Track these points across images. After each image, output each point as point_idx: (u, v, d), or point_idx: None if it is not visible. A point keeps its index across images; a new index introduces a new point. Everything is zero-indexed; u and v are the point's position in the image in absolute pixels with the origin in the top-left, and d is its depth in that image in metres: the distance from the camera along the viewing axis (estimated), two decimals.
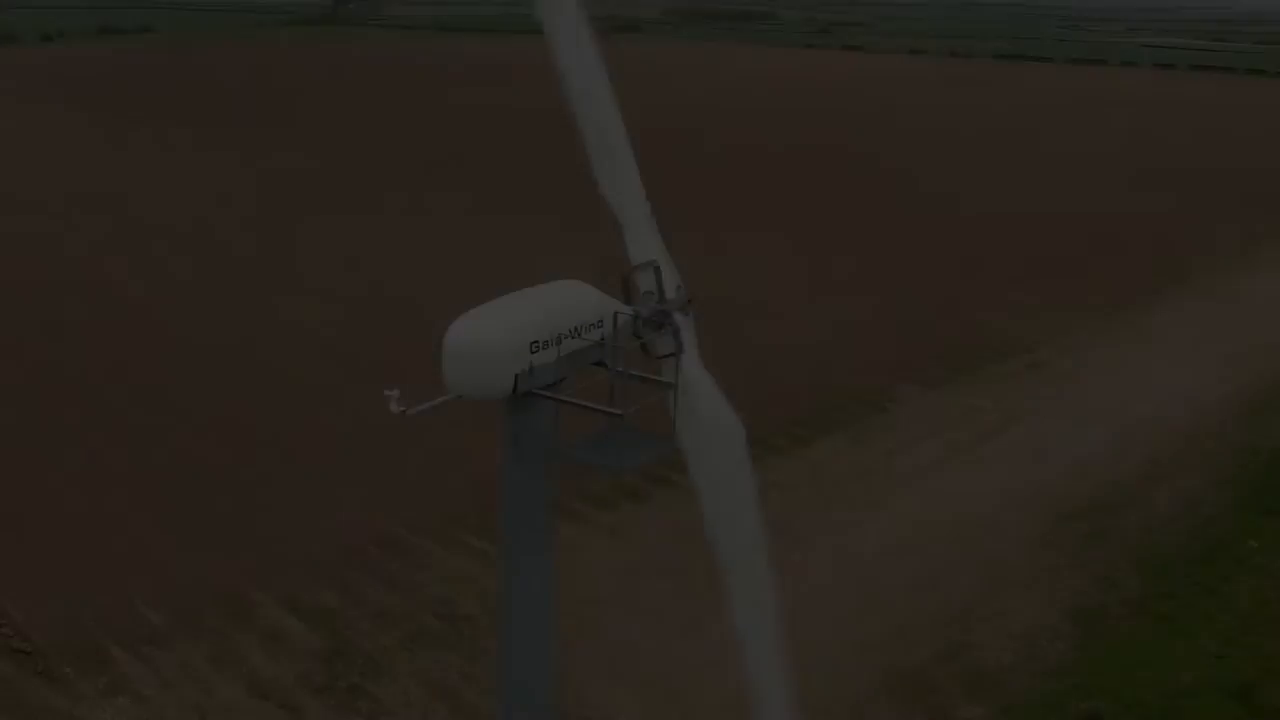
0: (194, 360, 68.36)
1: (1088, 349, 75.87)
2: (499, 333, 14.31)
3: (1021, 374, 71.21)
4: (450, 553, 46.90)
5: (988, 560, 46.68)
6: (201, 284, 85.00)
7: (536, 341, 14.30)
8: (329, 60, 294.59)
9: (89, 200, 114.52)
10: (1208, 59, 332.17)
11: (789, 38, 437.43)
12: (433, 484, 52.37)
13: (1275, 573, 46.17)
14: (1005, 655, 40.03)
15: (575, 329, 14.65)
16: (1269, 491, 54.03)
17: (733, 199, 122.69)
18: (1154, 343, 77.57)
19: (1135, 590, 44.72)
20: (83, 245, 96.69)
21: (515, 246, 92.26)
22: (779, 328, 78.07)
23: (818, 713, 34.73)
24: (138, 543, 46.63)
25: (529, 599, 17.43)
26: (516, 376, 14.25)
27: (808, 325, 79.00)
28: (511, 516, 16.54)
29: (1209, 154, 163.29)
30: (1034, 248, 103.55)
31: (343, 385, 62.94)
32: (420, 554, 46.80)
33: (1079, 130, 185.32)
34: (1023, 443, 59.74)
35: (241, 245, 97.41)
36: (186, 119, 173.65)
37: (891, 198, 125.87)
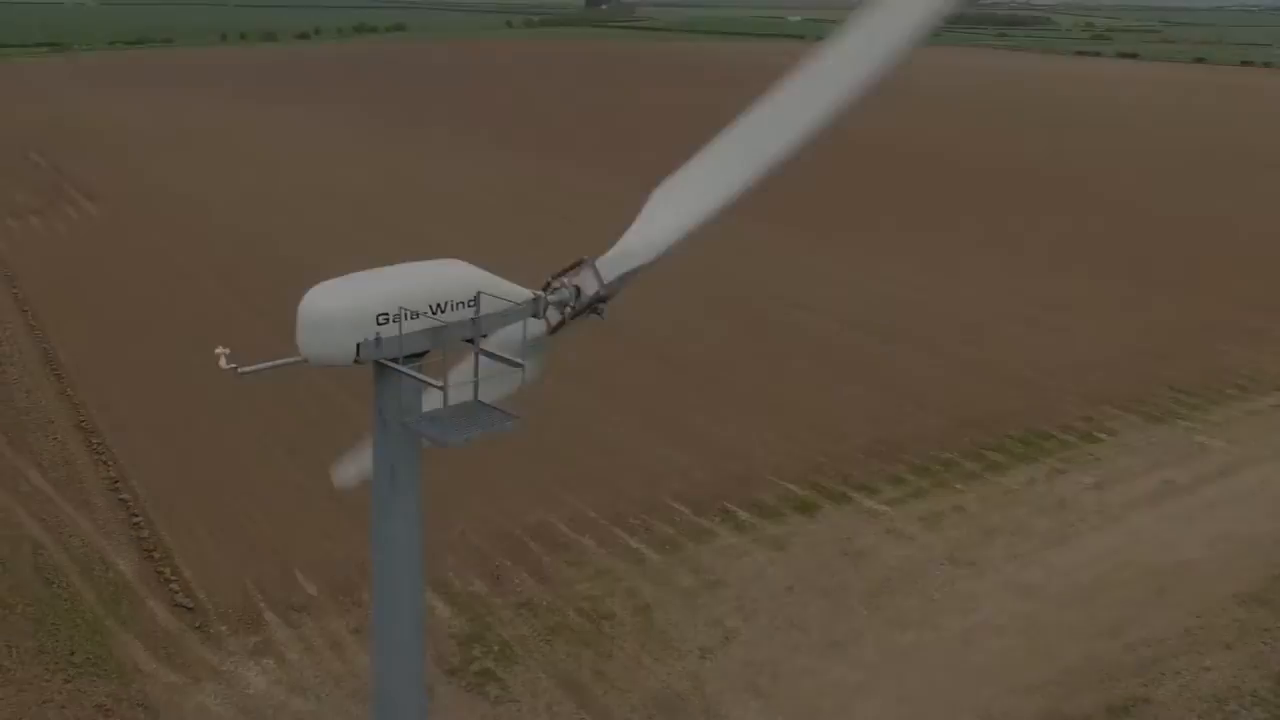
0: None
1: None
2: (345, 302, 14.89)
3: (1267, 413, 65.12)
4: (606, 550, 47.44)
5: (1186, 612, 42.88)
6: None
7: (385, 314, 14.44)
8: (555, 60, 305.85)
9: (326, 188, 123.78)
10: None
11: (1060, 44, 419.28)
12: (602, 482, 53.31)
13: None
14: (1189, 717, 36.62)
15: (437, 306, 14.74)
16: None
17: (957, 215, 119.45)
18: None
19: None
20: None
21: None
22: (992, 345, 75.04)
23: None
24: (305, 516, 49.65)
25: (395, 565, 17.63)
26: (359, 345, 14.39)
27: (1022, 345, 75.52)
28: (378, 484, 16.83)
29: None
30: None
31: None
32: (576, 549, 47.56)
33: None
34: (1253, 490, 54.56)
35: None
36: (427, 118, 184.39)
37: (1124, 215, 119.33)
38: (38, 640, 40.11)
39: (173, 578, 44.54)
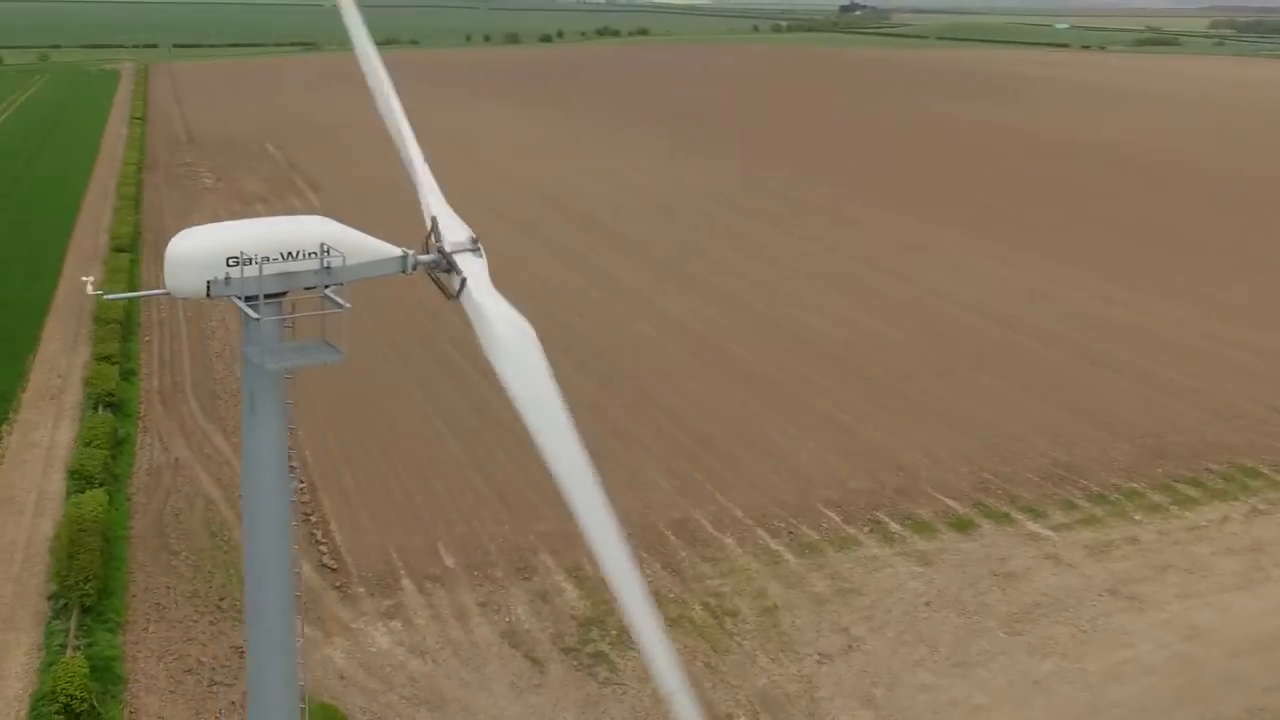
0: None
1: None
2: (199, 245, 17.05)
3: None
4: (745, 550, 48.04)
5: None
6: None
7: (235, 258, 15.87)
8: (802, 64, 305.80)
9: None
10: None
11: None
12: (756, 484, 53.95)
13: None
14: None
15: (290, 254, 16.07)
16: None
17: (1179, 227, 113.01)
18: None
19: None
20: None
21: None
22: (1204, 371, 70.88)
23: None
24: (457, 496, 52.62)
25: (260, 483, 19.08)
26: (209, 283, 15.84)
27: (1239, 372, 70.87)
28: (243, 410, 19.91)
29: None
30: None
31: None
32: (715, 546, 48.38)
33: None
34: None
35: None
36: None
37: None
38: (194, 585, 44.36)
39: (324, 540, 48.17)
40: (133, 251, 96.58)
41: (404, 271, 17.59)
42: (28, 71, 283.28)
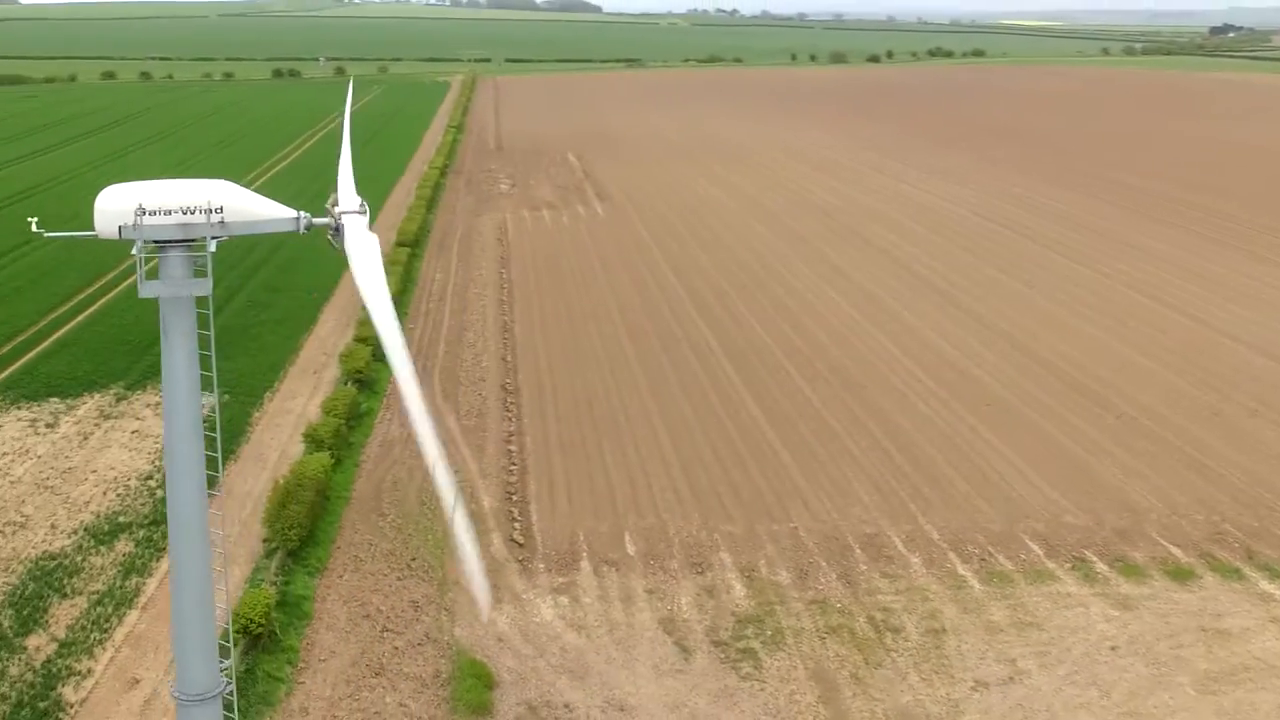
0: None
1: None
2: (116, 197, 20.73)
3: None
4: (929, 571, 48.02)
5: None
6: None
7: (144, 209, 19.78)
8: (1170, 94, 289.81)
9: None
10: None
11: None
12: (962, 508, 53.57)
13: None
14: None
15: (188, 209, 18.75)
16: None
17: None
18: None
19: None
20: None
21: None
22: None
23: None
24: (654, 493, 55.48)
25: (175, 405, 22.47)
26: (120, 228, 19.88)
27: None
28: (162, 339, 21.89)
29: None
30: None
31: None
32: (899, 564, 48.64)
33: None
34: None
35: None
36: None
37: None
38: (393, 545, 49.42)
39: (519, 518, 52.22)
40: (415, 247, 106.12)
41: (298, 231, 20.83)
42: (367, 82, 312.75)
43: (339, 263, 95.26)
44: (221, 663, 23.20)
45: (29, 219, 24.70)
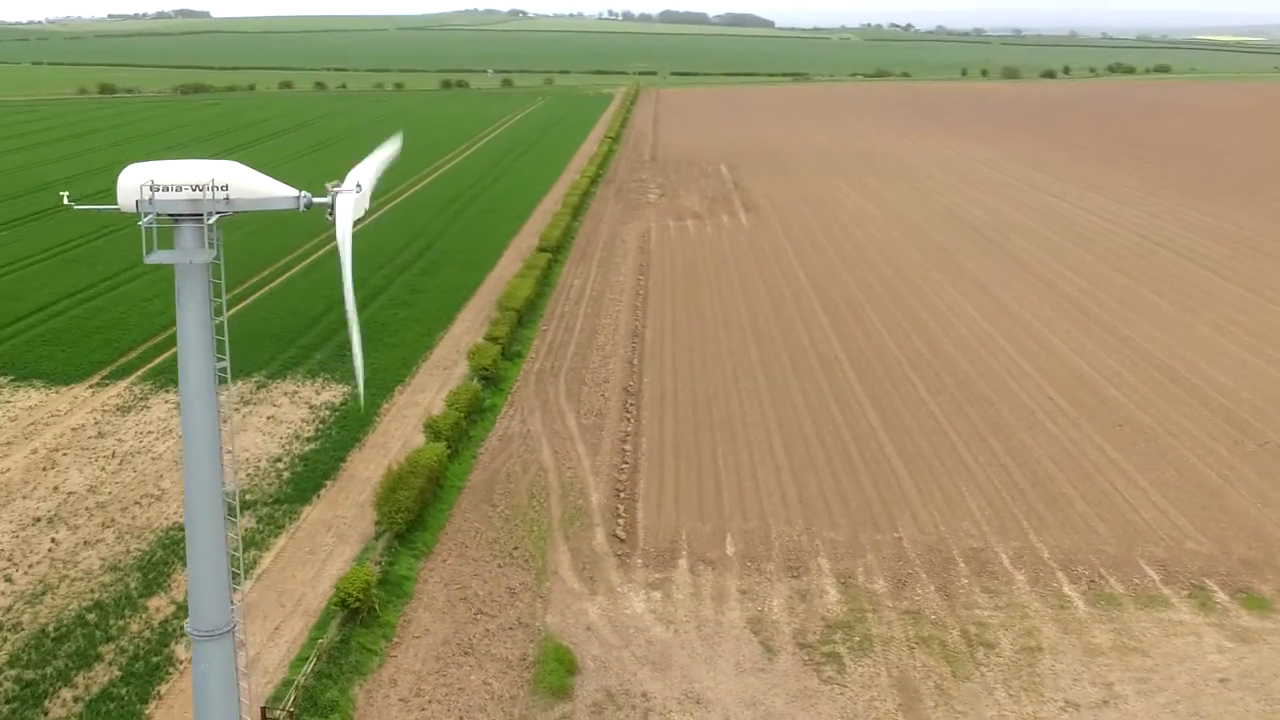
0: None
1: None
2: (134, 174, 22.48)
3: None
4: (1032, 589, 47.18)
5: None
6: None
7: (156, 185, 21.62)
8: None
9: None
10: None
11: None
12: (1078, 528, 52.42)
13: None
14: None
15: (197, 186, 19.94)
16: None
17: None
18: None
19: None
20: None
21: None
22: None
23: None
24: (761, 496, 55.87)
25: (189, 362, 23.80)
26: (136, 201, 22.11)
27: None
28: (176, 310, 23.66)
29: None
30: None
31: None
32: (1002, 579, 47.91)
33: None
34: None
35: None
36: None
37: None
38: (497, 534, 51.14)
39: (624, 515, 53.34)
40: (557, 253, 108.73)
41: (298, 209, 22.10)
42: (533, 94, 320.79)
43: (481, 267, 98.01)
44: (232, 604, 24.71)
45: (60, 192, 26.94)
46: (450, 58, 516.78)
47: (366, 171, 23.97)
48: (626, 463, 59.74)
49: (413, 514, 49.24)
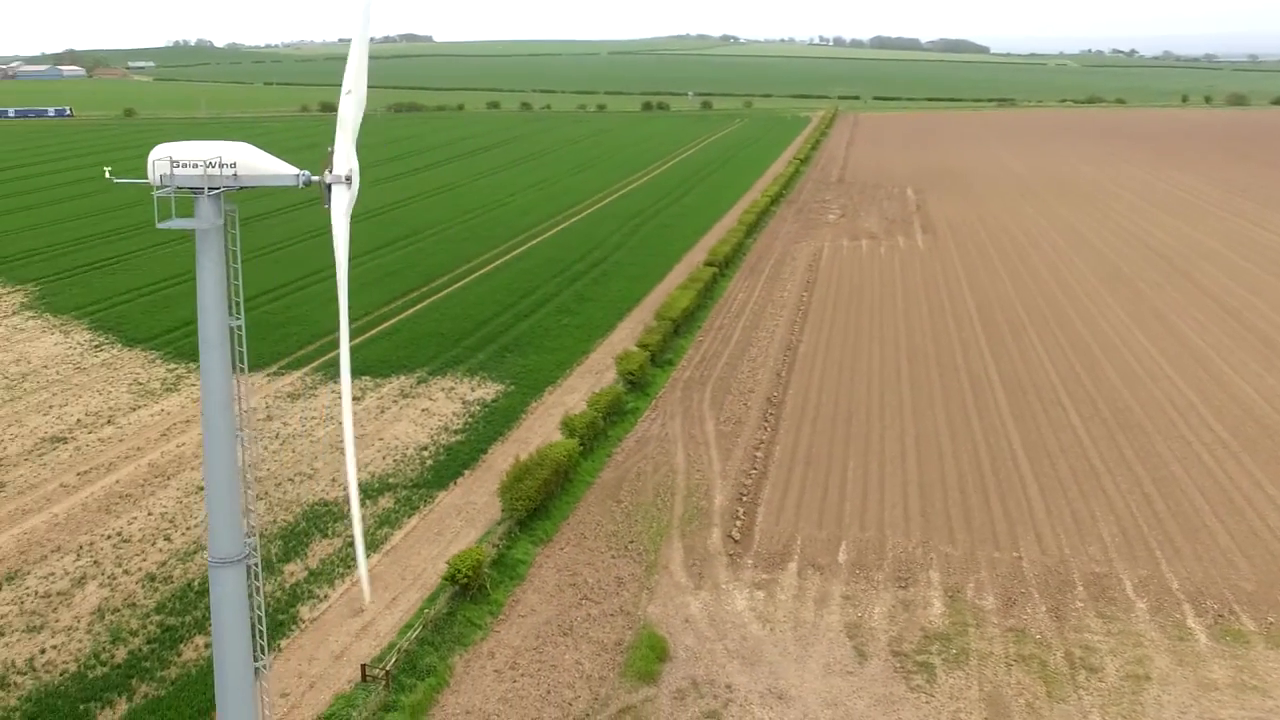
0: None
1: None
2: (159, 153, 24.33)
3: None
4: (1152, 619, 45.63)
5: None
6: None
7: (175, 161, 23.50)
8: None
9: None
10: None
11: None
12: (1216, 559, 50.29)
13: None
14: None
15: (208, 164, 21.44)
16: None
17: None
18: None
19: None
20: None
21: None
22: None
23: None
24: (884, 508, 55.70)
25: (206, 309, 25.04)
26: (160, 175, 24.03)
27: None
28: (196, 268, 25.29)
29: None
30: None
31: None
32: (1120, 606, 46.48)
33: None
34: None
35: None
36: None
37: None
38: (617, 528, 52.66)
39: (742, 517, 54.07)
40: (725, 268, 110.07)
41: (298, 186, 23.62)
42: (731, 116, 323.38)
43: (650, 280, 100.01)
44: (246, 537, 26.55)
45: (104, 168, 29.63)
46: (654, 80, 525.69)
47: (348, 150, 25.47)
48: (756, 469, 60.37)
49: (535, 503, 51.25)
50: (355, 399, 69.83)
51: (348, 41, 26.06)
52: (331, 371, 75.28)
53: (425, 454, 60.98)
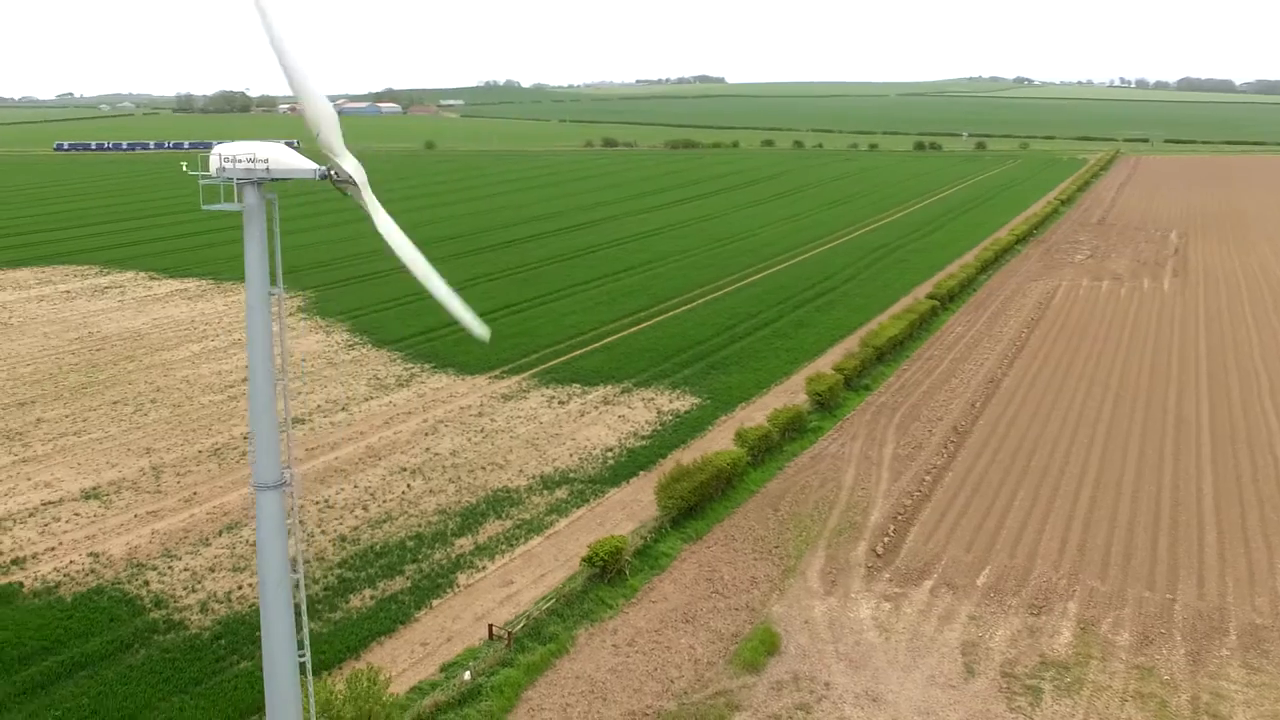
0: None
1: None
2: (217, 151, 26.94)
3: None
4: None
5: None
6: None
7: (225, 158, 26.40)
8: None
9: None
10: None
11: None
12: None
13: None
14: None
15: (251, 159, 24.26)
16: None
17: None
18: None
19: None
20: None
21: None
22: None
23: None
24: (1049, 539, 54.56)
25: (251, 278, 26.92)
26: (216, 170, 26.84)
27: None
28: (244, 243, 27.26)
29: None
30: None
31: None
32: (1276, 659, 44.11)
33: None
34: None
35: None
36: None
37: None
38: (767, 534, 54.11)
39: (892, 534, 54.35)
40: (948, 302, 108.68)
41: (318, 179, 26.72)
42: (1003, 157, 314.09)
43: (871, 310, 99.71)
44: (285, 469, 29.57)
45: (181, 163, 33.62)
46: (931, 121, 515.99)
47: (337, 145, 27.88)
48: (920, 491, 60.26)
49: (688, 503, 53.50)
50: (560, 403, 74.28)
51: (645, 83, 29.27)
52: (545, 378, 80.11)
53: (610, 454, 64.31)
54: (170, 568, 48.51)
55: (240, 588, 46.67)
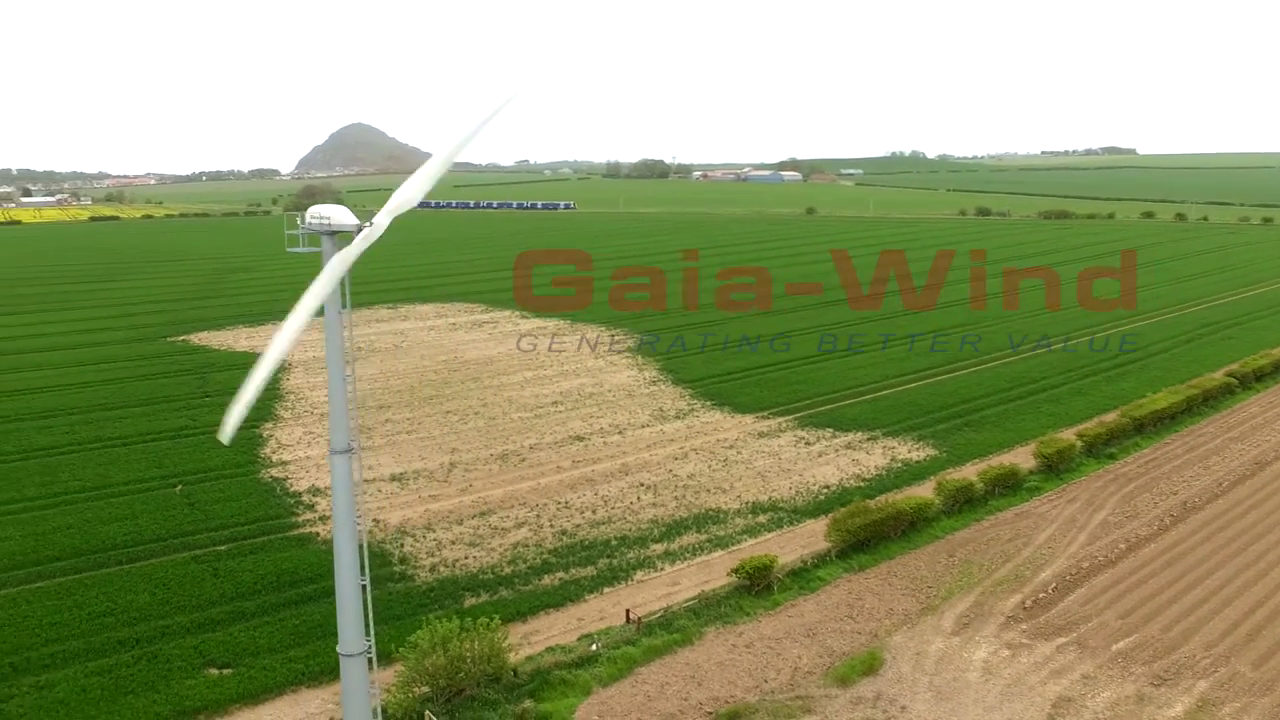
0: None
1: None
2: (309, 211, 30.94)
3: None
4: None
5: None
6: None
7: (309, 215, 30.79)
8: None
9: None
10: None
11: None
12: None
13: None
14: None
15: (322, 218, 29.46)
16: None
17: None
18: None
19: None
20: None
21: None
22: None
23: None
24: (1192, 609, 51.11)
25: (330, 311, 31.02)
26: (302, 227, 32.15)
27: None
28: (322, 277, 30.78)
29: None
30: None
31: None
32: None
33: None
34: None
35: None
36: None
37: None
38: (928, 575, 54.63)
39: (1051, 591, 53.06)
40: (1252, 381, 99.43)
41: (355, 233, 30.66)
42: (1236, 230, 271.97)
43: (1167, 383, 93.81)
44: (351, 441, 34.42)
45: (277, 208, 39.89)
46: None
47: (388, 209, 32.00)
48: (1107, 558, 57.89)
49: (856, 538, 55.39)
50: (807, 444, 77.31)
51: (1050, 154, 32.56)
52: (805, 421, 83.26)
53: (825, 491, 66.79)
54: (425, 537, 57.49)
55: (466, 559, 54.55)
